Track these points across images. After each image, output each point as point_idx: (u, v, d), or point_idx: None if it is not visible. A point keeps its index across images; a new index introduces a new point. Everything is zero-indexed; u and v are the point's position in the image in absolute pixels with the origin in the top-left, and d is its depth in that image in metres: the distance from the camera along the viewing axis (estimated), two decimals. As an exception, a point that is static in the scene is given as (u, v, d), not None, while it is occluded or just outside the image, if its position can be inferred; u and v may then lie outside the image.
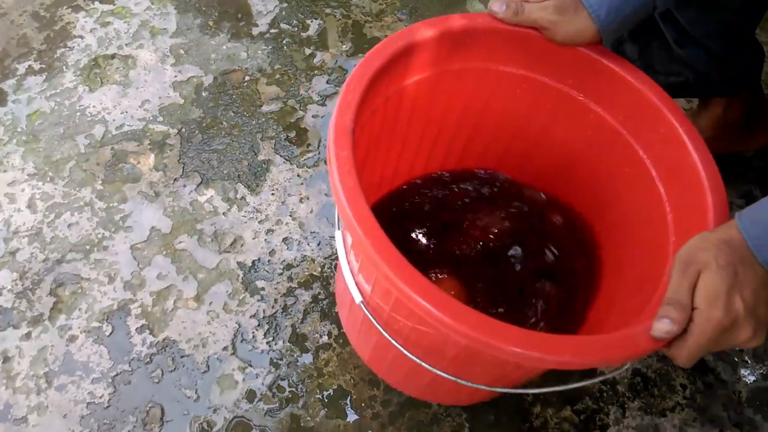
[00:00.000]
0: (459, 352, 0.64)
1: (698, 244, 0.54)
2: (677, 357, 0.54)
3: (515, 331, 0.52)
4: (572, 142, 0.81)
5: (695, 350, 0.52)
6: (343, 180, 0.57)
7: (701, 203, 0.62)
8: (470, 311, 0.52)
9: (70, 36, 1.29)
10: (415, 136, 0.84)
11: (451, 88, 0.77)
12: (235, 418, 0.89)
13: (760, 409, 0.92)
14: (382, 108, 0.72)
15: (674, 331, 0.52)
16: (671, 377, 0.94)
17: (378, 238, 0.54)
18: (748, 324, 0.51)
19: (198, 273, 1.01)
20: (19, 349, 0.93)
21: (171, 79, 1.23)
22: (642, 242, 0.72)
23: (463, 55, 0.73)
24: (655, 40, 0.92)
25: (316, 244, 1.04)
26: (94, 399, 0.90)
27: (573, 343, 0.53)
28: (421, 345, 0.66)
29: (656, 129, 0.69)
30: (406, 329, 0.65)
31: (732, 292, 0.51)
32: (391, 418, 0.89)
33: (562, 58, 0.73)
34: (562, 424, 0.90)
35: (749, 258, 0.52)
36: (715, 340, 0.52)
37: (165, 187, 1.10)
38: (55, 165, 1.11)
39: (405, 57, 0.69)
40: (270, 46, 1.30)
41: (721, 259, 0.51)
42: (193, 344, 0.94)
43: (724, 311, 0.50)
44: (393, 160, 0.87)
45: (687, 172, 0.65)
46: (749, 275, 0.51)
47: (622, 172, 0.75)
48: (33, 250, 1.02)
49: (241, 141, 1.16)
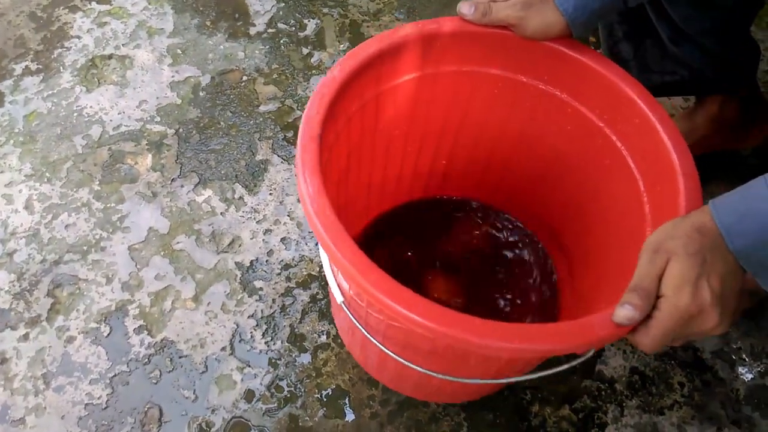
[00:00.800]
0: (431, 346, 0.64)
1: (668, 232, 0.53)
2: (640, 343, 0.53)
3: (472, 320, 0.52)
4: (552, 138, 0.81)
5: (659, 337, 0.52)
6: (308, 182, 0.58)
7: (674, 190, 0.61)
8: (427, 302, 0.52)
9: (67, 36, 1.29)
10: (397, 143, 0.85)
11: (429, 92, 0.78)
12: (234, 418, 0.89)
13: (758, 407, 0.92)
14: (359, 114, 0.73)
15: (635, 318, 0.52)
16: (669, 375, 0.94)
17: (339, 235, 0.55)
18: (715, 312, 0.51)
19: (196, 273, 1.01)
20: (17, 350, 0.93)
21: (168, 79, 1.23)
22: (621, 236, 0.72)
23: (437, 58, 0.74)
24: (650, 38, 0.92)
25: (314, 243, 1.04)
26: (92, 400, 0.90)
27: (530, 331, 0.53)
28: (398, 341, 0.67)
29: (631, 119, 0.69)
30: (382, 326, 0.66)
31: (700, 279, 0.50)
32: (389, 417, 0.89)
33: (536, 54, 0.73)
34: (561, 423, 0.90)
35: (720, 245, 0.51)
36: (680, 328, 0.52)
37: (162, 187, 1.10)
38: (53, 166, 1.11)
39: (378, 63, 0.70)
40: (267, 45, 1.30)
41: (690, 247, 0.51)
42: (192, 345, 0.94)
43: (691, 299, 0.50)
44: (379, 168, 0.87)
45: (661, 161, 0.65)
46: (718, 263, 0.51)
47: (602, 165, 0.76)
48: (30, 251, 1.02)
49: (238, 141, 1.16)
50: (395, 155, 0.87)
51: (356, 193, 0.88)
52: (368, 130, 0.77)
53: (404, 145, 0.86)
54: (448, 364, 0.67)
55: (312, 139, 0.61)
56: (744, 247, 0.51)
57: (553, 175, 0.85)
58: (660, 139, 0.65)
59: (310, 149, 0.60)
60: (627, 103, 0.69)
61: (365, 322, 0.68)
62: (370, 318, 0.67)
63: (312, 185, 0.58)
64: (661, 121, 0.66)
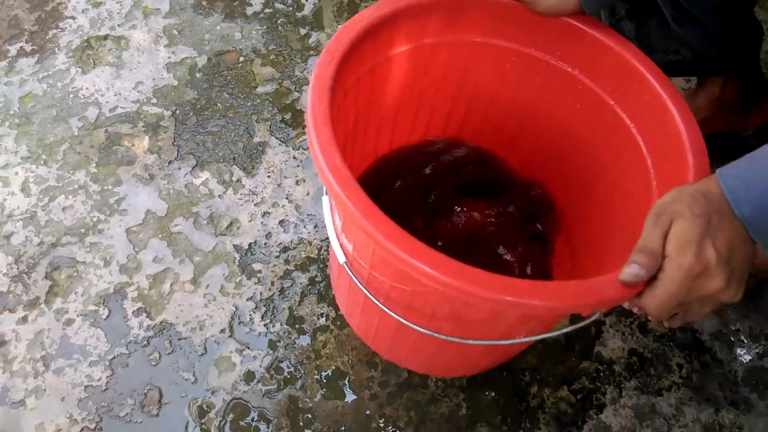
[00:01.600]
0: (437, 306, 0.64)
1: (674, 196, 0.53)
2: (647, 305, 0.53)
3: (481, 273, 0.51)
4: (561, 115, 0.81)
5: (666, 298, 0.52)
6: (318, 131, 0.57)
7: (683, 166, 0.61)
8: (440, 256, 0.52)
9: (61, 17, 1.27)
10: (406, 109, 0.84)
11: (440, 60, 0.77)
12: (234, 399, 0.89)
13: (756, 388, 0.93)
14: (369, 75, 0.72)
15: (641, 275, 0.51)
16: (668, 357, 0.95)
17: (351, 187, 0.54)
18: (721, 273, 0.51)
19: (194, 256, 1.00)
20: (16, 332, 0.93)
21: (164, 60, 1.22)
22: (626, 215, 0.72)
23: (451, 27, 0.73)
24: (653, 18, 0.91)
25: (312, 226, 1.04)
26: (91, 382, 0.90)
27: (540, 288, 0.52)
28: (401, 303, 0.66)
29: (641, 97, 0.69)
30: (385, 287, 0.66)
31: (704, 239, 0.50)
32: (388, 398, 0.90)
33: (549, 29, 0.72)
34: (559, 404, 0.91)
35: (726, 210, 0.51)
36: (685, 288, 0.51)
37: (160, 169, 1.09)
38: (49, 148, 1.10)
39: (390, 26, 0.69)
40: (264, 26, 1.28)
41: (695, 208, 0.51)
42: (191, 327, 0.94)
43: (695, 257, 0.50)
44: (386, 134, 0.86)
45: (671, 138, 0.64)
46: (725, 226, 0.51)
47: (610, 144, 0.75)
48: (28, 234, 1.01)
49: (236, 123, 1.15)
50: (404, 123, 0.86)
51: (361, 160, 0.87)
52: (377, 94, 0.76)
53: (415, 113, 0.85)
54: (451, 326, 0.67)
55: (323, 90, 0.59)
56: (750, 213, 0.51)
57: (561, 153, 0.85)
58: (670, 117, 0.64)
59: (322, 100, 0.59)
60: (638, 80, 0.68)
61: (366, 282, 0.68)
62: (372, 279, 0.66)
63: (323, 136, 0.56)
64: (672, 98, 0.65)
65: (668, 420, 0.90)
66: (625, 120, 0.72)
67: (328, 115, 0.58)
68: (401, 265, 0.52)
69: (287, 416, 0.88)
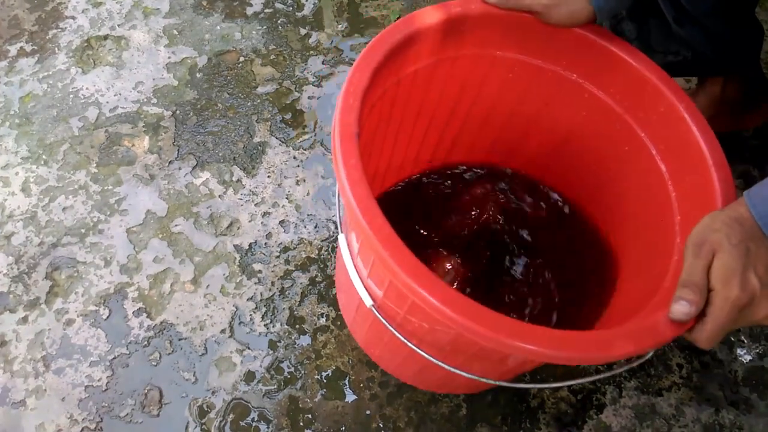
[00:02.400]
0: (478, 351, 0.64)
1: (709, 225, 0.54)
2: (698, 339, 0.54)
3: (540, 331, 0.51)
4: (566, 123, 0.81)
5: (716, 331, 0.53)
6: (355, 191, 0.54)
7: (706, 180, 0.61)
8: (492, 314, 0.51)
9: (61, 17, 1.27)
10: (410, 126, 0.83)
11: (446, 76, 0.76)
12: (234, 399, 0.89)
13: (756, 388, 0.93)
14: (380, 101, 0.71)
15: (692, 313, 0.52)
16: (668, 357, 0.95)
17: (397, 249, 0.53)
18: (765, 299, 0.52)
19: (194, 256, 1.00)
20: (16, 333, 0.93)
21: (165, 60, 1.22)
22: (645, 223, 0.72)
23: (457, 42, 0.73)
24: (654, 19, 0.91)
25: (312, 226, 1.04)
26: (92, 382, 0.90)
27: (597, 339, 0.52)
28: (437, 345, 0.66)
29: (655, 107, 0.68)
30: (421, 331, 0.65)
31: (747, 269, 0.51)
32: (389, 398, 0.90)
33: (555, 40, 0.72)
34: (559, 404, 0.91)
35: (759, 235, 0.52)
36: (734, 319, 0.52)
37: (160, 169, 1.09)
38: (49, 148, 1.10)
39: (401, 49, 0.68)
40: (264, 26, 1.28)
41: (733, 237, 0.52)
42: (191, 327, 0.94)
43: (741, 289, 0.51)
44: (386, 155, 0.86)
45: (689, 150, 0.64)
46: (762, 252, 0.52)
47: (620, 151, 0.75)
48: (28, 234, 1.01)
49: (236, 123, 1.15)
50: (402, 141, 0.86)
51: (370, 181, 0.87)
52: (384, 117, 0.76)
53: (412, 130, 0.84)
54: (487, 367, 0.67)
55: (351, 138, 0.57)
56: None
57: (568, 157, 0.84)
58: (688, 129, 0.64)
59: (351, 151, 0.56)
60: (652, 92, 0.68)
61: (398, 325, 0.67)
62: (406, 322, 0.65)
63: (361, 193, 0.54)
64: (689, 111, 0.65)
65: (668, 420, 0.90)
66: (636, 129, 0.71)
67: (361, 169, 0.55)
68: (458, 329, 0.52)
69: (287, 416, 0.88)
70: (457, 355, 0.66)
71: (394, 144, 0.85)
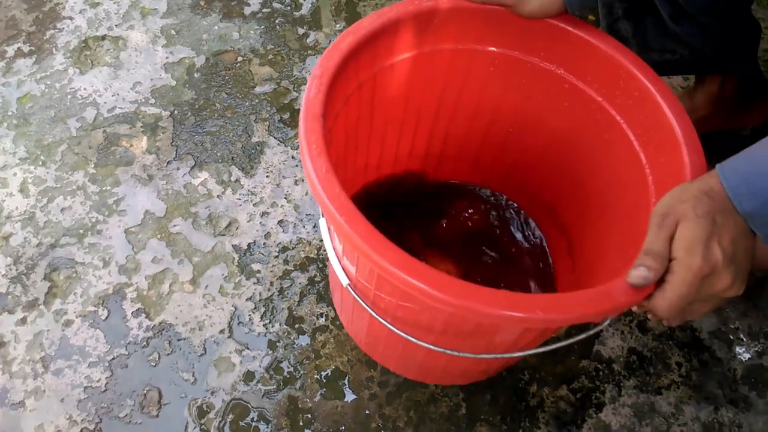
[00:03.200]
0: (445, 324, 0.64)
1: (676, 196, 0.54)
2: (657, 307, 0.53)
3: (491, 292, 0.52)
4: (549, 116, 0.81)
5: (675, 300, 0.52)
6: (315, 163, 0.57)
7: (679, 162, 0.61)
8: (447, 277, 0.52)
9: (59, 17, 1.27)
10: (394, 123, 0.84)
11: (427, 71, 0.77)
12: (233, 400, 0.89)
13: (755, 387, 0.93)
14: (357, 94, 0.72)
15: (650, 278, 0.52)
16: (667, 356, 0.95)
17: (352, 215, 0.54)
18: (728, 271, 0.51)
19: (193, 256, 1.00)
20: (15, 334, 0.93)
21: (162, 60, 1.22)
22: (623, 210, 0.72)
23: (434, 36, 0.73)
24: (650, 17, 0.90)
25: (311, 226, 1.04)
26: (91, 383, 0.90)
27: (550, 301, 0.52)
28: (408, 321, 0.66)
29: (630, 93, 0.69)
30: (392, 307, 0.66)
31: (710, 240, 0.50)
32: (388, 398, 0.90)
33: (532, 30, 0.72)
34: (558, 403, 0.91)
35: (729, 208, 0.52)
36: (695, 289, 0.52)
37: (158, 170, 1.09)
38: (47, 149, 1.10)
39: (375, 41, 0.69)
40: (262, 26, 1.28)
41: (699, 209, 0.51)
42: (190, 327, 0.94)
43: (703, 258, 0.50)
44: (376, 149, 0.87)
45: (663, 133, 0.64)
46: (729, 224, 0.51)
47: (601, 140, 0.75)
48: (26, 235, 1.01)
49: (234, 123, 1.15)
50: (392, 136, 0.86)
51: (353, 177, 0.88)
52: (365, 110, 0.76)
53: (401, 125, 0.85)
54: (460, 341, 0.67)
55: (315, 118, 0.60)
56: (752, 208, 0.51)
57: (552, 153, 0.85)
58: (661, 112, 0.65)
59: (314, 129, 0.59)
60: (626, 77, 0.68)
61: (372, 303, 0.68)
62: (378, 299, 0.66)
63: (320, 166, 0.57)
64: (662, 93, 0.66)
65: (667, 419, 0.90)
66: (614, 116, 0.72)
67: (323, 143, 0.58)
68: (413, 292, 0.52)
69: (287, 416, 0.88)
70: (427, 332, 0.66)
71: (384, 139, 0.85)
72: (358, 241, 0.53)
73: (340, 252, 0.68)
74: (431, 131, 0.88)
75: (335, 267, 0.69)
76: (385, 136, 0.85)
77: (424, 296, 0.52)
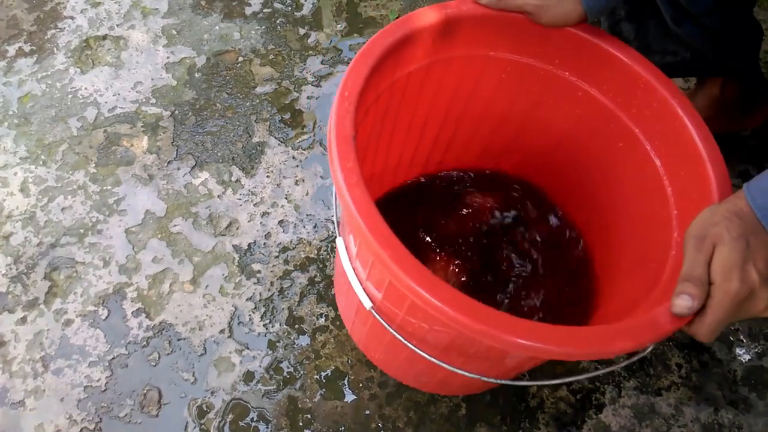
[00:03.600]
0: (478, 350, 0.64)
1: (708, 218, 0.54)
2: (698, 333, 0.54)
3: (538, 327, 0.51)
4: (560, 123, 0.81)
5: (715, 324, 0.53)
6: (353, 193, 0.54)
7: (702, 176, 0.61)
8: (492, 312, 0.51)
9: (60, 17, 1.27)
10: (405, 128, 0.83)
11: (439, 78, 0.76)
12: (233, 400, 0.89)
13: (755, 388, 0.93)
14: (374, 105, 0.71)
15: (694, 307, 0.52)
16: (667, 357, 0.95)
17: (396, 249, 0.53)
18: (765, 293, 0.52)
19: (193, 256, 1.00)
20: (15, 333, 0.93)
21: (163, 60, 1.22)
22: (641, 218, 0.72)
23: (450, 43, 0.73)
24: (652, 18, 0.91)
25: (312, 226, 1.04)
26: (91, 382, 0.90)
27: (597, 334, 0.52)
28: (438, 345, 0.66)
29: (649, 104, 0.69)
30: (421, 331, 0.65)
31: (746, 263, 0.51)
32: (388, 398, 0.90)
33: (549, 39, 0.72)
34: (559, 404, 0.91)
35: (758, 228, 0.52)
36: (733, 313, 0.52)
37: (159, 169, 1.09)
38: (48, 148, 1.10)
39: (395, 52, 0.68)
40: (263, 26, 1.28)
41: (733, 231, 0.52)
42: (190, 327, 0.94)
43: (741, 282, 0.51)
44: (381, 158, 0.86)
45: (684, 144, 0.64)
46: (761, 245, 0.52)
47: (614, 148, 0.75)
48: (27, 234, 1.01)
49: (235, 123, 1.15)
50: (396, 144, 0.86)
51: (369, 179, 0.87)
52: (379, 119, 0.76)
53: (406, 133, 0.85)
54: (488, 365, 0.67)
55: (347, 141, 0.57)
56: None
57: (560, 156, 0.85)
58: (682, 124, 0.65)
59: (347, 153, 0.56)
60: (644, 87, 0.68)
61: (398, 326, 0.67)
62: (406, 323, 0.65)
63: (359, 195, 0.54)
64: (682, 105, 0.65)
65: (667, 420, 0.90)
66: (629, 125, 0.72)
67: (359, 172, 0.55)
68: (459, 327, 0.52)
69: (287, 416, 0.88)
70: (458, 355, 0.66)
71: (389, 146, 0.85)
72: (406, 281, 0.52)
73: (363, 276, 0.67)
74: (436, 138, 0.88)
75: (356, 290, 0.67)
76: (390, 145, 0.84)
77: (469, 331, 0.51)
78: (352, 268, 0.68)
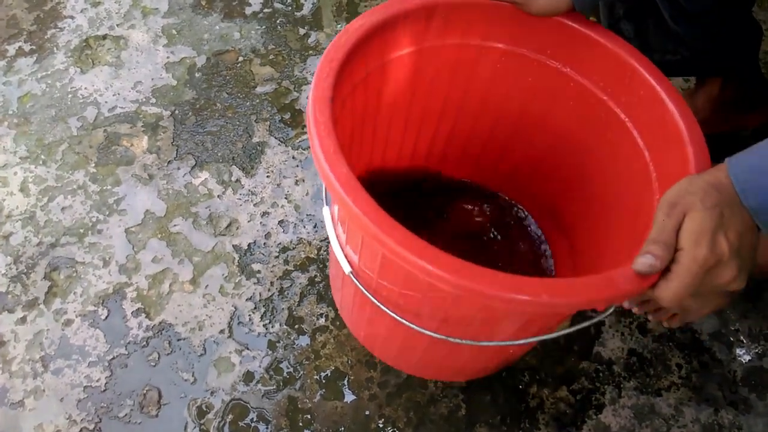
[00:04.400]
0: (447, 312, 0.64)
1: (684, 187, 0.54)
2: (661, 297, 0.54)
3: (496, 274, 0.51)
4: (554, 115, 0.81)
5: (680, 289, 0.52)
6: (323, 143, 0.57)
7: (683, 160, 0.61)
8: (453, 259, 0.52)
9: (60, 16, 1.27)
10: (399, 119, 0.84)
11: (433, 65, 0.77)
12: (233, 400, 0.89)
13: (755, 389, 0.93)
14: (363, 84, 0.72)
15: (656, 266, 0.52)
16: (667, 357, 0.95)
17: (359, 195, 0.54)
18: (732, 264, 0.51)
19: (193, 256, 1.00)
20: (15, 333, 0.93)
21: (163, 60, 1.22)
22: (626, 208, 0.72)
23: (441, 31, 0.73)
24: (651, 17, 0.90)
25: (312, 226, 1.04)
26: (90, 383, 0.90)
27: (555, 285, 0.52)
28: (410, 309, 0.66)
29: (635, 91, 0.69)
30: (394, 295, 0.66)
31: (717, 231, 0.51)
32: (388, 399, 0.90)
33: (539, 28, 0.73)
34: (558, 405, 0.90)
35: (736, 202, 0.52)
36: (699, 279, 0.52)
37: (159, 169, 1.09)
38: (48, 148, 1.10)
39: (383, 32, 0.69)
40: (264, 26, 1.28)
41: (707, 201, 0.52)
42: (190, 327, 0.94)
43: (709, 250, 0.51)
44: (380, 145, 0.86)
45: (668, 131, 0.65)
46: (736, 218, 0.52)
47: (606, 139, 0.75)
48: (27, 234, 1.01)
49: (235, 123, 1.15)
50: (396, 133, 0.86)
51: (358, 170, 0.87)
52: (371, 101, 0.76)
53: (405, 123, 0.85)
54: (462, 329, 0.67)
55: (324, 101, 0.60)
56: (758, 204, 0.51)
57: (556, 151, 0.85)
58: (666, 109, 0.65)
59: (323, 111, 0.59)
60: (632, 75, 0.69)
61: (374, 291, 0.68)
62: (380, 287, 0.66)
63: (328, 146, 0.56)
64: (667, 91, 0.66)
65: (667, 420, 0.90)
66: (619, 115, 0.72)
67: (331, 126, 0.58)
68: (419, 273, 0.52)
69: (286, 417, 0.88)
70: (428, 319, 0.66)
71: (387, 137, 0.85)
72: (364, 220, 0.53)
73: (344, 240, 0.68)
74: (435, 130, 0.88)
75: (338, 255, 0.69)
76: (389, 132, 0.85)
77: (429, 276, 0.51)
78: (336, 235, 0.69)
